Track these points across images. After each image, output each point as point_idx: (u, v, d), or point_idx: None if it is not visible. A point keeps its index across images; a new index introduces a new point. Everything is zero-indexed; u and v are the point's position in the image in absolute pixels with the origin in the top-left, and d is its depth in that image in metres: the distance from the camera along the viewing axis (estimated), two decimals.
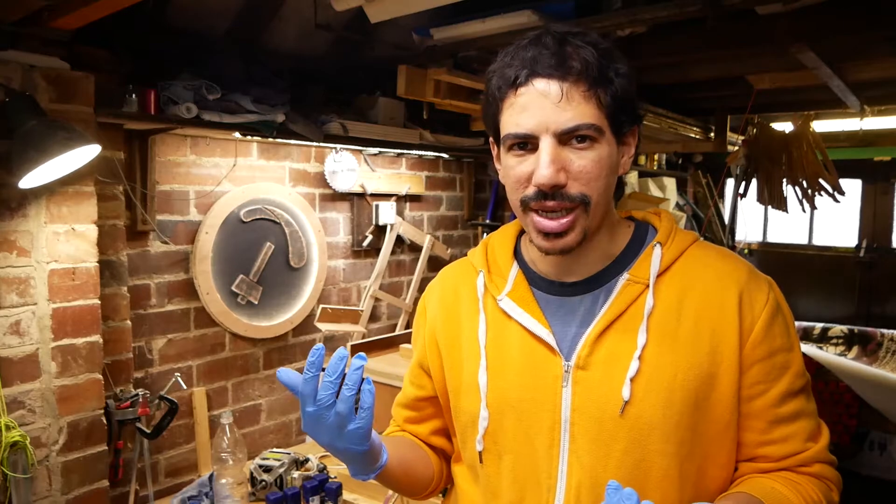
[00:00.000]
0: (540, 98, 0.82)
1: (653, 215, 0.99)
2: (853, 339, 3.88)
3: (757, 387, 0.86)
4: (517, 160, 0.86)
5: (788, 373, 0.87)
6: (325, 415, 0.81)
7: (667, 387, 0.84)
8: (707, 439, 0.86)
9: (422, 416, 1.10)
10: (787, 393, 0.87)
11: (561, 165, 0.82)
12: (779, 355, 0.87)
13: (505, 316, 0.95)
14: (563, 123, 0.81)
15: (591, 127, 0.82)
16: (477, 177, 3.36)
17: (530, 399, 0.90)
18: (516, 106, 0.84)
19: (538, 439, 0.89)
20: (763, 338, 0.86)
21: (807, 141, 3.42)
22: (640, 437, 0.84)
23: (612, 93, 0.83)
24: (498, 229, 1.06)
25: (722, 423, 0.86)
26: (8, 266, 1.65)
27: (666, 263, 0.89)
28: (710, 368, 0.85)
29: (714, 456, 0.87)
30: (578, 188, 0.83)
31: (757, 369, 0.86)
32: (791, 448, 0.88)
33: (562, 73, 0.81)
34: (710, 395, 0.85)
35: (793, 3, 1.68)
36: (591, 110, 0.82)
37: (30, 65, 1.66)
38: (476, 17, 2.01)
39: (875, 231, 4.55)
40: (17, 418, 1.66)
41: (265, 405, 2.52)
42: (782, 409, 0.87)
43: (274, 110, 2.20)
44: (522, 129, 0.83)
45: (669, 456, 0.84)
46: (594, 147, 0.83)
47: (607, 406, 0.85)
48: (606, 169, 0.85)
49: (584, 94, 0.81)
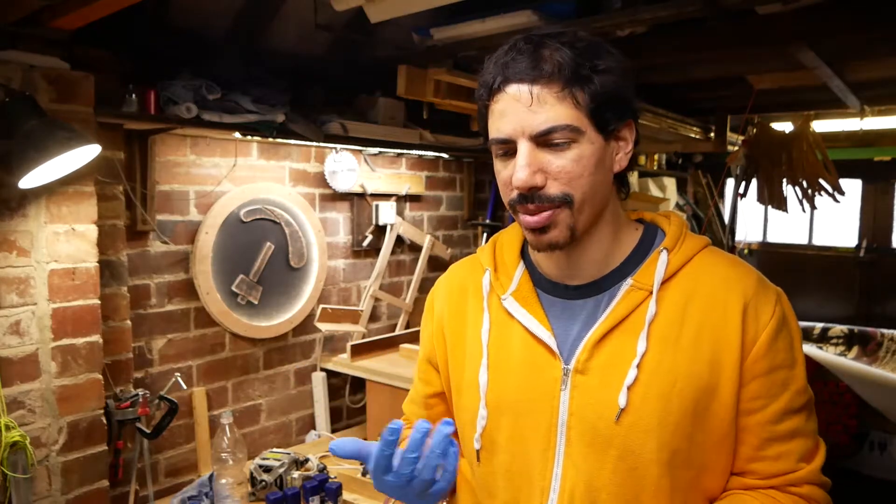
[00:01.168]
0: (513, 103, 0.83)
1: (663, 218, 0.97)
2: (853, 339, 3.88)
3: (756, 402, 0.85)
4: (502, 165, 0.88)
5: (789, 390, 0.86)
6: (406, 483, 0.85)
7: (664, 395, 0.83)
8: (704, 449, 0.85)
9: (431, 414, 1.09)
10: (785, 410, 0.85)
11: (538, 167, 0.83)
12: (780, 371, 0.85)
13: (508, 315, 0.94)
14: (537, 126, 0.82)
15: (567, 128, 0.82)
16: (477, 177, 3.36)
17: (528, 400, 0.90)
18: (496, 112, 0.86)
19: (534, 441, 0.89)
20: (766, 352, 0.84)
21: (807, 141, 3.42)
22: (635, 445, 0.83)
23: (591, 91, 0.82)
24: (507, 227, 1.06)
25: (720, 433, 0.85)
26: (8, 266, 1.65)
27: (672, 270, 0.88)
28: (709, 379, 0.84)
29: (711, 466, 0.86)
30: (559, 188, 0.84)
31: (757, 384, 0.85)
32: (782, 467, 0.86)
33: (532, 76, 0.82)
34: (710, 406, 0.84)
35: (793, 3, 1.68)
36: (566, 111, 0.82)
37: (30, 65, 1.66)
38: (476, 17, 2.01)
39: (875, 231, 4.55)
40: (17, 418, 1.66)
41: (265, 405, 2.52)
42: (779, 427, 0.85)
43: (274, 110, 2.20)
44: (502, 133, 0.85)
45: (664, 464, 0.83)
46: (573, 147, 0.83)
47: (604, 412, 0.85)
48: (591, 167, 0.84)
49: (556, 95, 0.82)
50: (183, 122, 2.01)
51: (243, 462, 2.15)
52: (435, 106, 2.54)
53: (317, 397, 2.65)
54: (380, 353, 2.70)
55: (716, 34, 1.96)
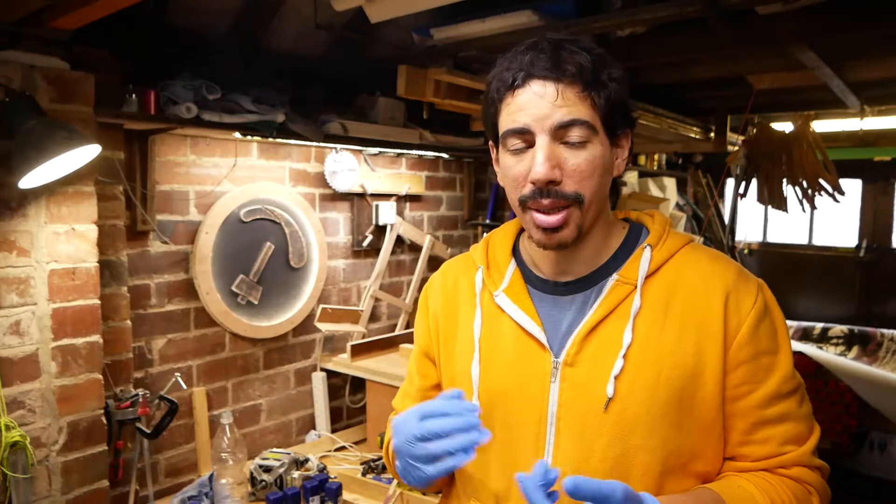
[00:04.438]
0: (536, 98, 0.86)
1: (647, 217, 1.01)
2: (853, 339, 3.88)
3: (742, 388, 0.88)
4: (515, 160, 0.90)
5: (775, 375, 0.89)
6: (434, 437, 0.81)
7: (650, 385, 0.86)
8: (692, 437, 0.88)
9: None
10: (773, 395, 0.88)
11: (556, 162, 0.86)
12: (764, 357, 0.89)
13: (499, 311, 0.98)
14: (559, 119, 0.85)
15: (585, 124, 0.86)
16: (477, 177, 3.36)
17: (519, 393, 0.94)
18: (514, 105, 0.88)
19: (524, 432, 0.93)
20: (749, 339, 0.88)
21: (807, 141, 3.42)
22: (623, 433, 0.87)
23: (605, 95, 0.87)
24: (499, 227, 1.10)
25: (707, 420, 0.88)
26: (8, 266, 1.65)
27: (655, 265, 0.92)
28: (694, 368, 0.87)
29: (699, 452, 0.89)
30: (572, 186, 0.87)
31: (742, 370, 0.88)
32: (770, 450, 0.89)
33: (557, 74, 0.86)
34: (695, 394, 0.87)
35: (793, 3, 1.68)
36: (586, 109, 0.86)
37: (30, 65, 1.66)
38: (476, 17, 2.01)
39: (875, 231, 4.55)
40: (17, 418, 1.66)
41: (265, 405, 2.52)
42: (767, 412, 0.88)
43: (274, 110, 2.20)
44: (519, 123, 0.87)
45: (651, 451, 0.86)
46: (587, 147, 0.87)
47: (592, 402, 0.88)
48: (600, 168, 0.89)
49: (578, 94, 0.86)
50: (183, 122, 2.01)
51: (243, 462, 2.15)
52: (435, 106, 2.54)
53: (317, 397, 2.65)
54: (380, 353, 2.70)
55: (716, 34, 1.97)
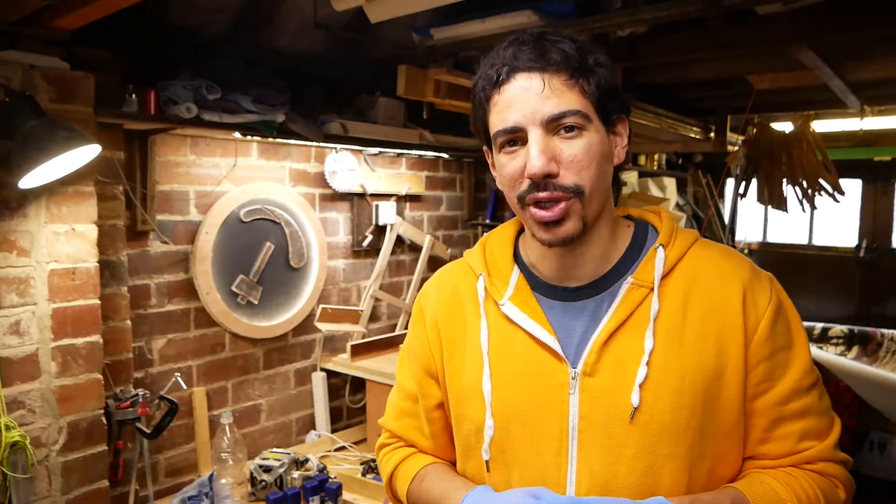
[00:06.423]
0: (523, 92, 0.83)
1: (651, 214, 0.98)
2: (853, 339, 3.88)
3: (762, 385, 0.86)
4: (509, 157, 0.87)
5: (793, 369, 0.87)
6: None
7: (676, 390, 0.83)
8: (717, 440, 0.85)
9: (434, 430, 1.04)
10: (793, 391, 0.87)
11: (551, 155, 0.83)
12: (781, 353, 0.87)
13: (507, 321, 0.92)
14: (549, 111, 0.82)
15: (577, 113, 0.83)
16: (477, 177, 3.36)
17: (536, 407, 0.89)
18: (501, 103, 0.86)
19: (545, 447, 0.88)
20: (767, 336, 0.86)
21: (807, 141, 3.41)
22: (650, 443, 0.83)
23: (595, 81, 0.85)
24: (494, 229, 1.04)
25: (731, 422, 0.86)
26: (8, 266, 1.65)
27: (669, 265, 0.89)
28: (717, 369, 0.85)
29: (723, 455, 0.87)
30: (571, 178, 0.84)
31: (762, 368, 0.86)
32: (790, 446, 0.87)
33: (542, 64, 0.83)
34: (719, 396, 0.85)
35: (793, 3, 1.68)
36: (576, 97, 0.84)
37: (30, 65, 1.66)
38: (476, 17, 2.00)
39: (875, 231, 4.55)
40: (17, 418, 1.66)
41: (265, 405, 2.52)
42: (787, 408, 0.87)
43: (274, 110, 2.20)
44: (510, 122, 0.84)
45: (679, 459, 0.83)
46: (582, 135, 0.84)
47: (616, 412, 0.84)
48: (598, 157, 0.85)
49: (566, 82, 0.83)
50: (183, 122, 2.01)
51: (243, 462, 2.15)
52: (435, 106, 2.53)
53: (317, 397, 2.64)
54: (380, 353, 2.70)
55: (716, 34, 1.96)
